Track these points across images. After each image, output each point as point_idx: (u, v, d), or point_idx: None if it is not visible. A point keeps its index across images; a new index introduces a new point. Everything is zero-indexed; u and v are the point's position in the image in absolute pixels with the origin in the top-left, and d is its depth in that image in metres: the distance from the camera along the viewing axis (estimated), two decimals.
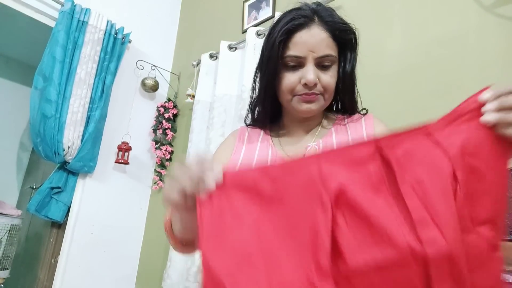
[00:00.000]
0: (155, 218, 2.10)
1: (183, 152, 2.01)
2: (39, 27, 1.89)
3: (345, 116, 0.77)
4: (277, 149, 0.74)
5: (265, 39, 0.72)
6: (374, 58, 1.30)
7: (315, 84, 0.66)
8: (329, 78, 0.67)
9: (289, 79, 0.67)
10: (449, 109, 1.07)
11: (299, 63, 0.67)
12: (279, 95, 0.72)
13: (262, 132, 0.80)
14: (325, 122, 0.77)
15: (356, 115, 0.76)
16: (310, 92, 0.67)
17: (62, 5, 1.81)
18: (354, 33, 0.70)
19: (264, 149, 0.75)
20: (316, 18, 0.67)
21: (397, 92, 1.21)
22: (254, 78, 0.77)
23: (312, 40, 0.65)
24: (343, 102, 0.77)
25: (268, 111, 0.76)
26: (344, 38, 0.68)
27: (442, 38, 1.14)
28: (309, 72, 0.65)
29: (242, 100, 1.56)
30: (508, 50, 1.00)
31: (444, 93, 1.10)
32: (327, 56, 0.66)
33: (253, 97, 0.79)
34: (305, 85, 0.66)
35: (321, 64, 0.66)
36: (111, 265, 1.94)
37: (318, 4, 0.71)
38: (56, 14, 1.83)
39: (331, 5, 1.45)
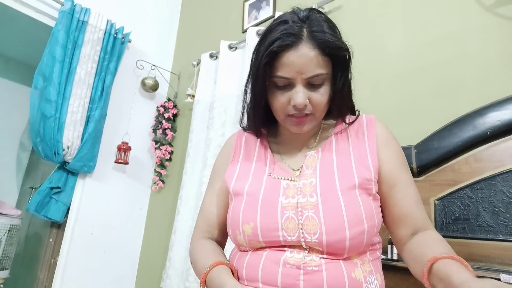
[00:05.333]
0: (155, 218, 2.10)
1: (183, 152, 2.01)
2: (39, 27, 1.89)
3: (345, 119, 0.74)
4: (275, 159, 0.72)
5: (253, 52, 0.68)
6: (375, 58, 1.30)
7: (305, 106, 0.64)
8: (319, 96, 0.64)
9: (279, 100, 0.65)
10: (449, 110, 1.07)
11: (288, 84, 0.63)
12: (272, 110, 0.70)
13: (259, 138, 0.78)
14: (324, 128, 0.75)
15: (358, 119, 0.73)
16: (300, 114, 0.65)
17: (62, 4, 1.81)
18: (347, 50, 0.65)
19: (261, 159, 0.73)
20: (304, 34, 0.61)
21: (398, 92, 1.21)
22: (245, 87, 0.74)
23: (300, 61, 0.61)
24: (339, 111, 0.73)
25: (261, 120, 0.74)
26: (337, 54, 0.63)
27: (443, 38, 1.14)
28: (298, 95, 0.62)
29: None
30: (508, 50, 0.99)
31: (445, 93, 1.09)
32: (316, 76, 0.62)
33: (244, 105, 0.77)
34: (295, 106, 0.63)
35: (311, 83, 0.63)
36: (111, 265, 1.94)
37: (311, 10, 0.66)
38: (56, 14, 1.83)
39: (331, 5, 1.46)
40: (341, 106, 0.71)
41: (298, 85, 0.62)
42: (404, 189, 0.66)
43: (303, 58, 0.61)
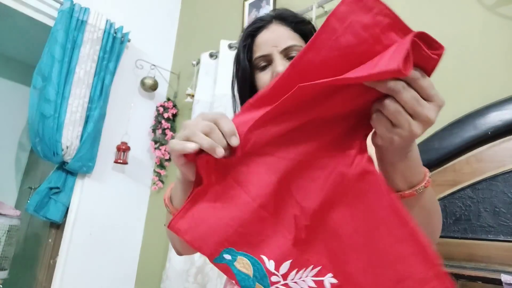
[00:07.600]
0: (154, 219, 2.09)
1: None
2: (38, 26, 1.89)
3: None
4: None
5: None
6: None
7: None
8: None
9: (262, 79, 0.69)
10: (449, 110, 1.06)
11: (267, 62, 0.69)
12: None
13: None
14: None
15: None
16: None
17: (61, 4, 1.80)
18: (311, 23, 0.74)
19: None
20: (273, 19, 0.71)
21: None
22: (233, 94, 0.78)
23: (273, 36, 0.68)
24: None
25: None
26: (304, 29, 0.71)
27: (443, 38, 1.13)
28: (277, 65, 0.66)
29: None
30: (510, 49, 0.99)
31: (446, 93, 1.08)
32: (291, 46, 0.67)
33: (236, 110, 0.79)
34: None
35: (289, 55, 0.68)
36: (110, 266, 1.93)
37: (279, 10, 0.75)
38: (55, 13, 1.82)
39: (331, 5, 1.46)
40: None
41: (276, 58, 0.67)
42: None
43: (275, 33, 0.69)
